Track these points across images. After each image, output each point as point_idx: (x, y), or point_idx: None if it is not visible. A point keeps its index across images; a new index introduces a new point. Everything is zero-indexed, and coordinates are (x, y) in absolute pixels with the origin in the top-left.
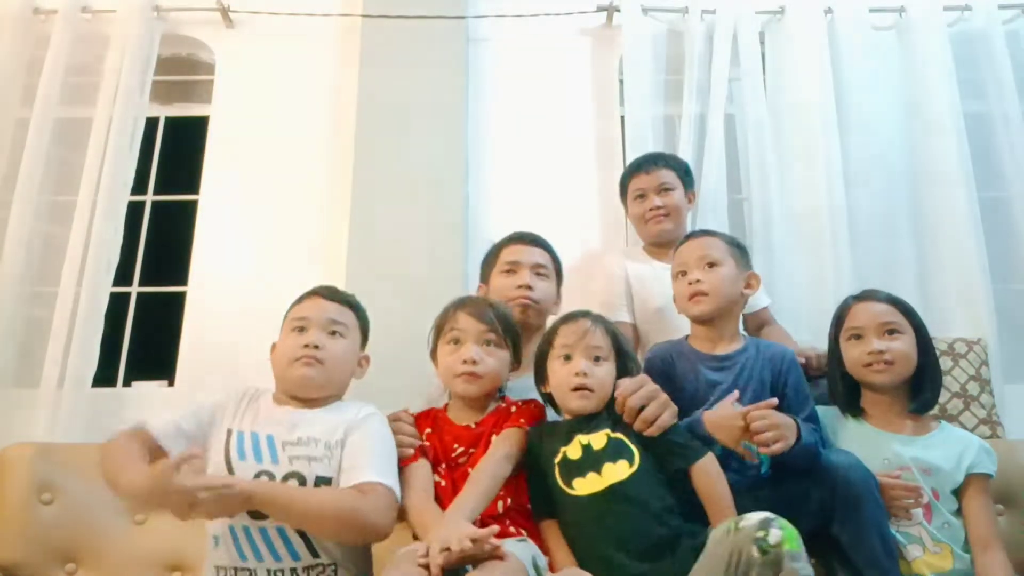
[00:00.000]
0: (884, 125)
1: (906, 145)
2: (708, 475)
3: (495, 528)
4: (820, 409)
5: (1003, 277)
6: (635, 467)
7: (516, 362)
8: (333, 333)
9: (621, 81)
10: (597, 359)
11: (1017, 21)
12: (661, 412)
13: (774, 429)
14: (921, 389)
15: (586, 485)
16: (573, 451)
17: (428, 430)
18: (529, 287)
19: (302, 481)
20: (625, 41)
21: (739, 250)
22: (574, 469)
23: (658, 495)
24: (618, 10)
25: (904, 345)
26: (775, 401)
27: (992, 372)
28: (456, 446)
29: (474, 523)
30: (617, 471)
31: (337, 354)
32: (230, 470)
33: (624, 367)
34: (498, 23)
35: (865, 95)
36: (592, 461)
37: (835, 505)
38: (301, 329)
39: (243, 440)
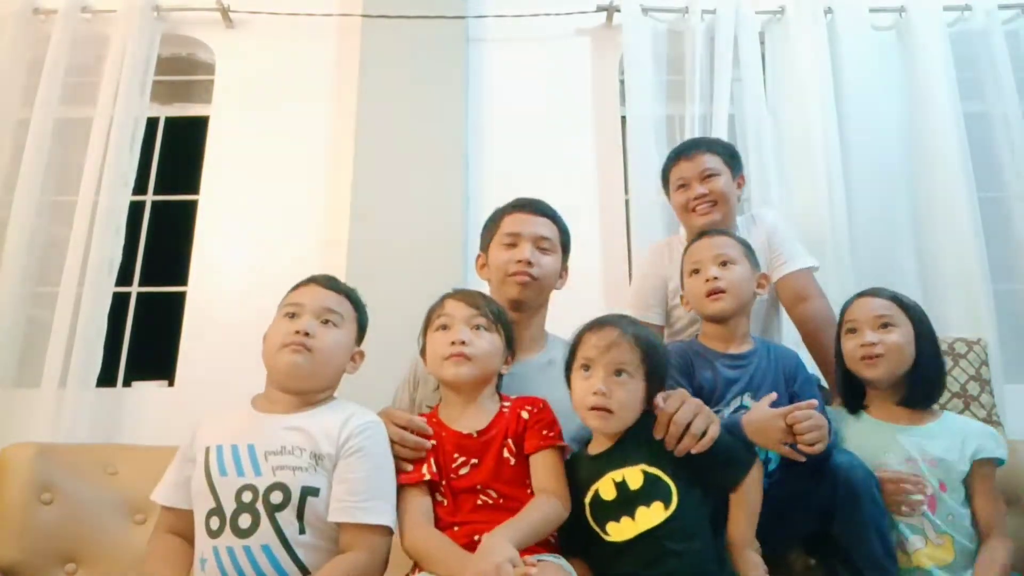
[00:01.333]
0: (884, 125)
1: (906, 145)
2: (750, 489)
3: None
4: (828, 410)
5: (1003, 277)
6: (672, 509)
7: (510, 353)
8: (326, 322)
9: (621, 81)
10: (619, 373)
11: (1017, 21)
12: (708, 425)
13: (817, 429)
14: (916, 384)
15: (620, 530)
16: (606, 490)
17: (433, 441)
18: (529, 263)
19: (287, 492)
20: (625, 41)
21: (750, 251)
22: (608, 511)
23: (695, 536)
24: (618, 10)
25: (898, 338)
26: (815, 402)
27: (992, 372)
28: (456, 455)
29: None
30: (652, 515)
31: (328, 344)
32: (213, 491)
33: (655, 385)
34: (498, 23)
35: (865, 95)
36: (626, 502)
37: (836, 505)
38: (293, 315)
39: (223, 454)
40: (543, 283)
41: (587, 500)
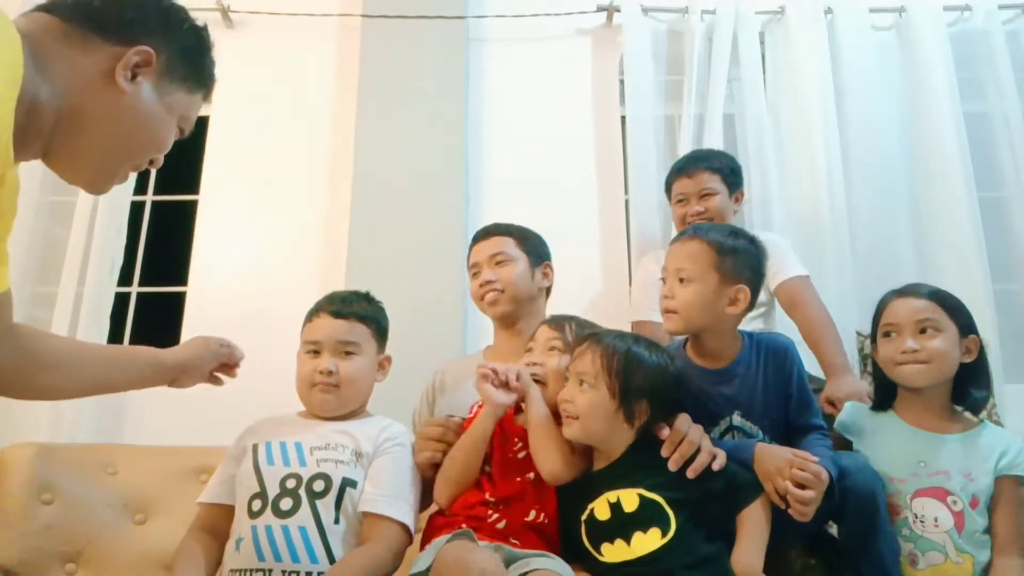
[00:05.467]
0: (884, 125)
1: (906, 145)
2: (759, 515)
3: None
4: (849, 405)
5: (1003, 277)
6: (669, 536)
7: None
8: (347, 354)
9: (621, 81)
10: (582, 383)
11: (1017, 21)
12: (715, 450)
13: (807, 504)
14: (968, 389)
15: (614, 552)
16: (601, 510)
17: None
18: (489, 282)
19: (328, 482)
20: (625, 41)
21: (733, 258)
22: (602, 532)
23: (695, 558)
24: (618, 10)
25: (943, 344)
26: (821, 472)
27: (992, 372)
28: (518, 440)
29: (500, 531)
30: (648, 541)
31: (352, 374)
32: (259, 477)
33: (629, 400)
34: (498, 23)
35: (865, 95)
36: (621, 526)
37: (844, 510)
38: (315, 352)
39: (271, 448)
40: (511, 293)
41: (583, 518)
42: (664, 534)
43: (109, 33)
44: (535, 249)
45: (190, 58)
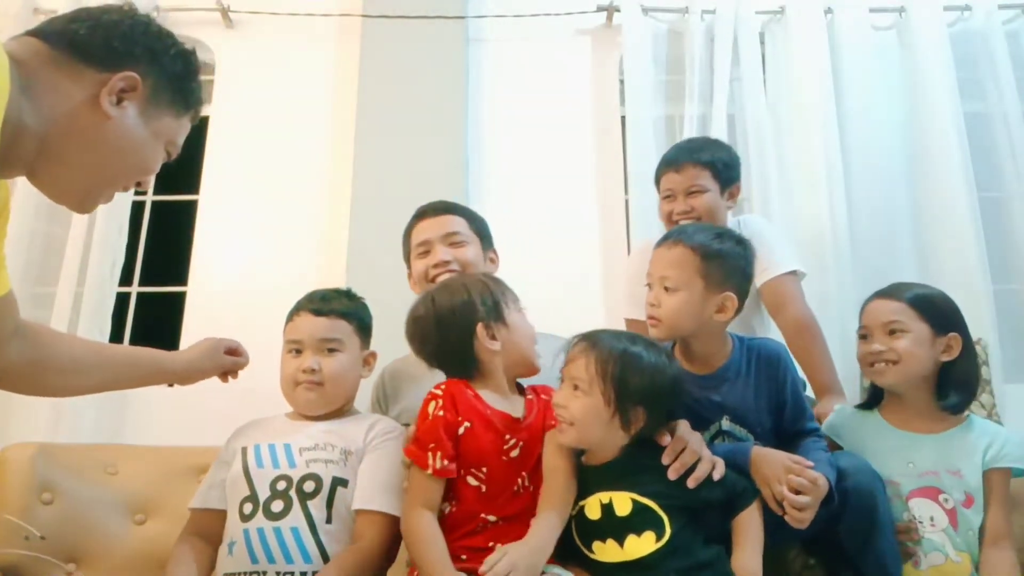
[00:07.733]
0: (884, 125)
1: (906, 145)
2: (754, 519)
3: None
4: (837, 408)
5: (1003, 277)
6: (664, 541)
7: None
8: (329, 351)
9: (621, 81)
10: (576, 387)
11: (1017, 21)
12: (716, 459)
13: (808, 508)
14: (947, 390)
15: (607, 552)
16: (592, 509)
17: (467, 424)
18: (445, 263)
19: (319, 482)
20: (625, 41)
21: (719, 263)
22: (593, 530)
23: (691, 570)
24: (618, 10)
25: (909, 344)
26: (820, 479)
27: (992, 372)
28: (508, 437)
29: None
30: (642, 545)
31: (335, 371)
32: (249, 480)
33: (626, 405)
34: (498, 23)
35: (865, 95)
36: (613, 528)
37: (844, 511)
38: (297, 351)
39: (260, 451)
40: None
41: (572, 514)
42: (659, 538)
43: (95, 60)
44: (485, 232)
45: (176, 83)
